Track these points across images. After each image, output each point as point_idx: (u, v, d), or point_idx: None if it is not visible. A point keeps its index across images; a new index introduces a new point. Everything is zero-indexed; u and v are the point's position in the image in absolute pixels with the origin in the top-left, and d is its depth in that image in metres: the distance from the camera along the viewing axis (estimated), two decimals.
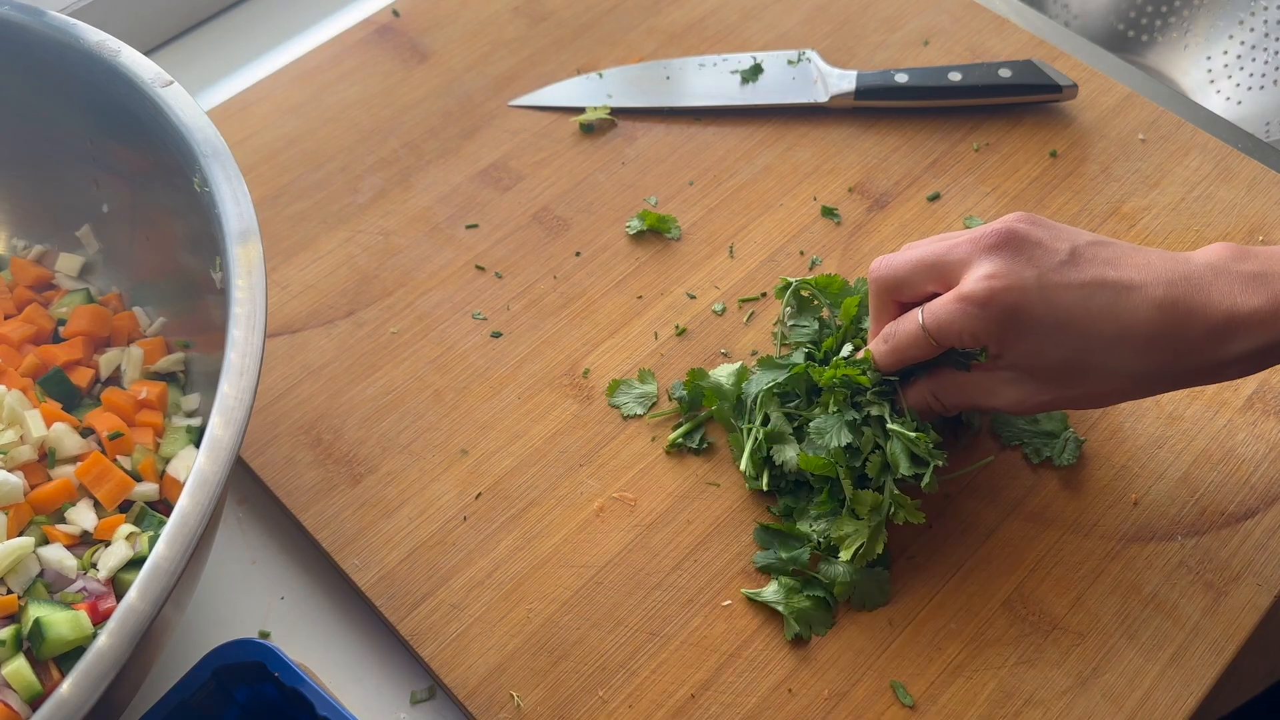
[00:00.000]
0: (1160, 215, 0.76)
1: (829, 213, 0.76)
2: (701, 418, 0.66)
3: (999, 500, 0.64)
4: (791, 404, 0.64)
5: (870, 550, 0.59)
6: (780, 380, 0.63)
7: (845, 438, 0.60)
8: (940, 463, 0.59)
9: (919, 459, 0.59)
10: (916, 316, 0.57)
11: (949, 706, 0.58)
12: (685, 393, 0.66)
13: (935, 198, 0.77)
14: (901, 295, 0.59)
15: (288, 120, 0.81)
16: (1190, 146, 0.79)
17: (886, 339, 0.59)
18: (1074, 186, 0.77)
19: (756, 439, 0.63)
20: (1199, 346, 0.53)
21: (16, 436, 0.60)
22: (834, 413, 0.61)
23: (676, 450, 0.66)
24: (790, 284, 0.69)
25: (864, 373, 0.60)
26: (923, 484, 0.58)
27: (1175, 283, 0.54)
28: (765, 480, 0.63)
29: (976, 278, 0.55)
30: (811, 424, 0.61)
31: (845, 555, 0.59)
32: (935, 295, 0.57)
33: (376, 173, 0.78)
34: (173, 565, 0.46)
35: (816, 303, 0.69)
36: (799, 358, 0.66)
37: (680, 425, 0.66)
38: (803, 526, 0.61)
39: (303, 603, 0.64)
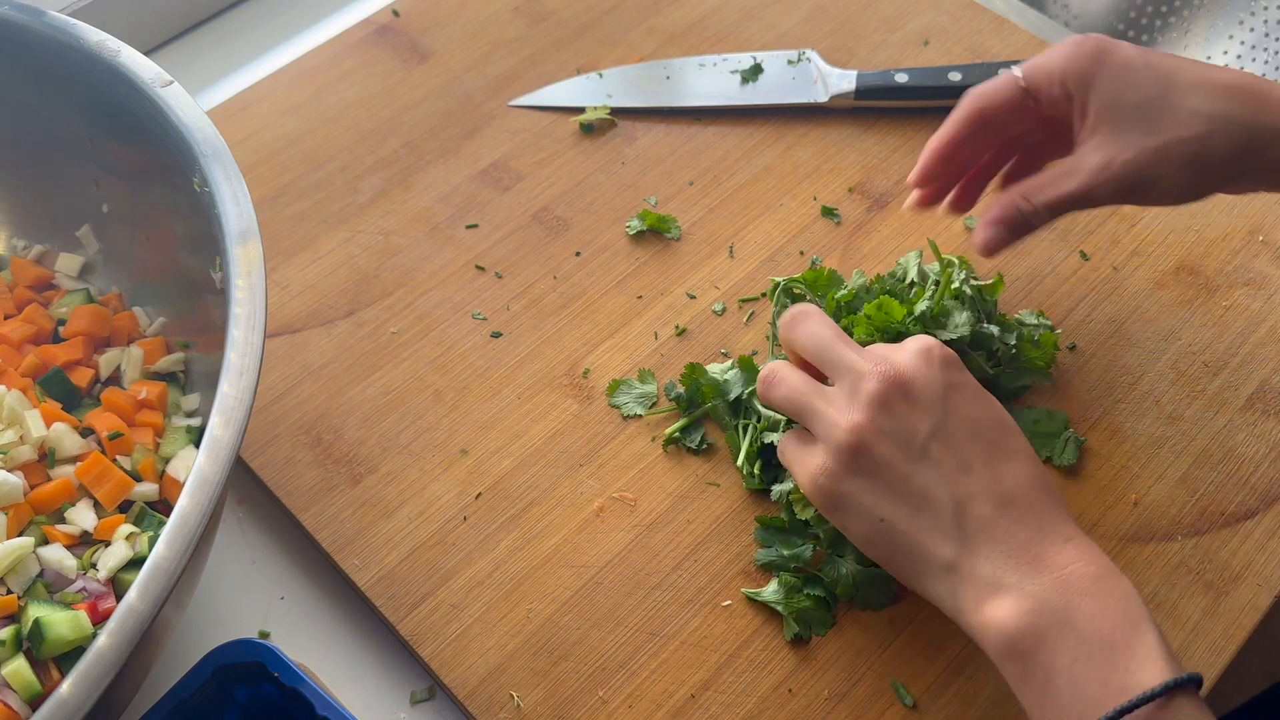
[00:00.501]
0: (1160, 215, 0.76)
1: (829, 213, 0.76)
2: (698, 413, 0.66)
3: None
4: None
5: None
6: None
7: None
8: None
9: None
10: (1012, 72, 0.60)
11: (949, 706, 0.58)
12: (682, 390, 0.66)
13: None
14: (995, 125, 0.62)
15: (288, 120, 0.81)
16: None
17: (972, 97, 0.61)
18: None
19: (753, 438, 0.63)
20: (1271, 106, 0.55)
21: (16, 436, 0.60)
22: None
23: (674, 447, 0.66)
24: (779, 283, 0.70)
25: None
26: None
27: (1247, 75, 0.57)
28: (758, 472, 0.63)
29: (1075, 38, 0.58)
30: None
31: (854, 555, 0.60)
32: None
33: (376, 173, 0.78)
34: (173, 565, 0.46)
35: (809, 299, 0.69)
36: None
37: (678, 421, 0.66)
38: (803, 514, 0.61)
39: (303, 603, 0.64)
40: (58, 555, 0.57)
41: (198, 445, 0.60)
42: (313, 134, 0.80)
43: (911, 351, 0.54)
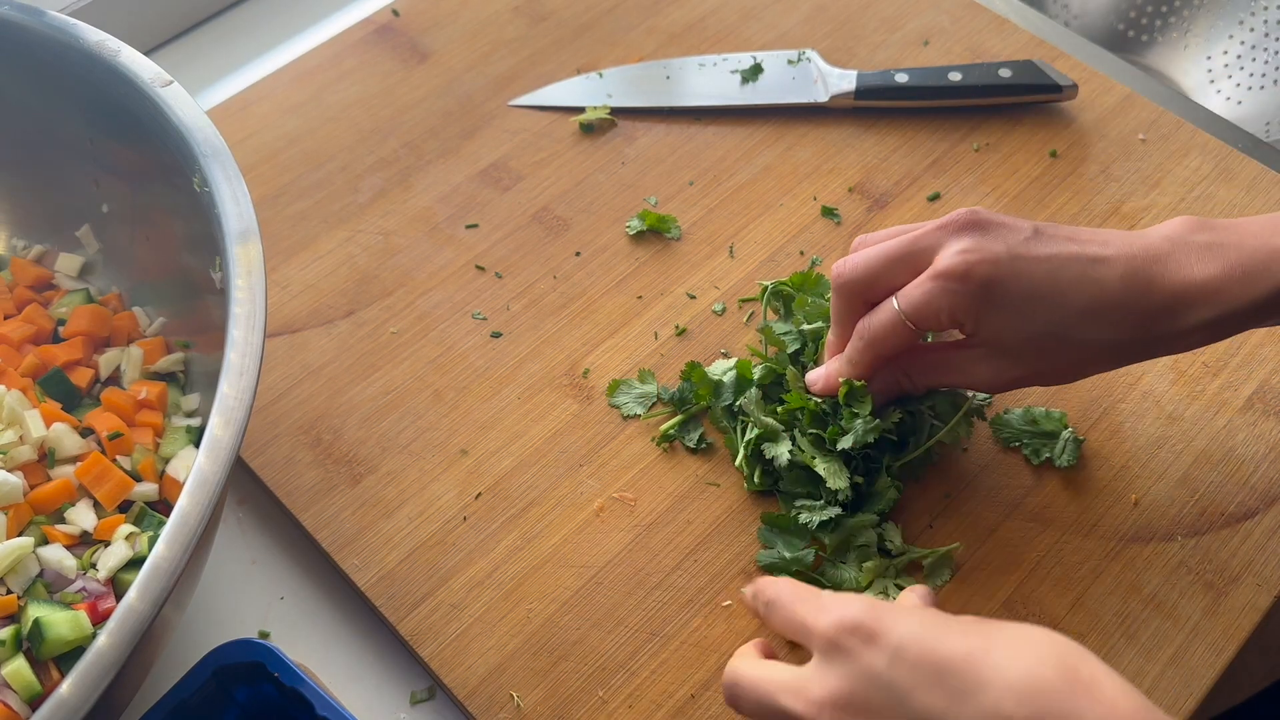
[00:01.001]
0: (1160, 215, 0.75)
1: (829, 213, 0.76)
2: (693, 409, 0.66)
3: (999, 500, 0.64)
4: (779, 405, 0.64)
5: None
6: (747, 392, 0.64)
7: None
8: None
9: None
10: (890, 304, 0.57)
11: None
12: (678, 390, 0.67)
13: (935, 198, 0.77)
14: (872, 293, 0.59)
15: (288, 120, 0.81)
16: (1190, 146, 0.79)
17: (861, 335, 0.58)
18: (1074, 186, 0.77)
19: (749, 440, 0.63)
20: (1160, 316, 0.54)
21: (16, 436, 0.60)
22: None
23: (673, 447, 0.66)
24: (768, 287, 0.70)
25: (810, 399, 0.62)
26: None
27: (1135, 255, 0.55)
28: (758, 476, 0.63)
29: (951, 254, 0.55)
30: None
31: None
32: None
33: (376, 172, 0.78)
34: (172, 565, 0.46)
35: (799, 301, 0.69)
36: (787, 357, 0.66)
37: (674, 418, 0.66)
38: (804, 517, 0.61)
39: (303, 603, 0.64)
40: (58, 555, 0.57)
41: (198, 445, 0.60)
42: (313, 134, 0.80)
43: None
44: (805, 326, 0.66)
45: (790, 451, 0.61)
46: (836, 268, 0.59)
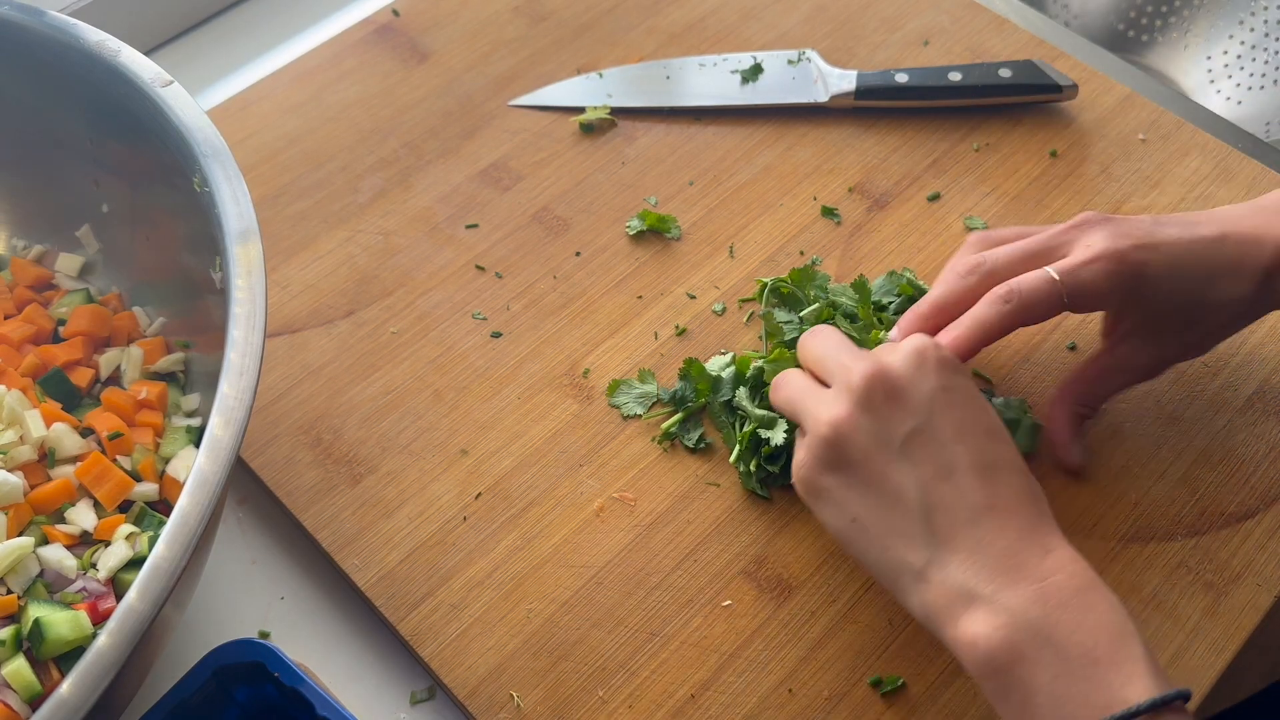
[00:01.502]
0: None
1: (829, 213, 0.76)
2: (693, 407, 0.66)
3: None
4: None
5: None
6: (737, 385, 0.65)
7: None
8: None
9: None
10: (1046, 274, 0.58)
11: (949, 706, 0.58)
12: (678, 388, 0.67)
13: (935, 198, 0.77)
14: (995, 282, 0.60)
15: (288, 120, 0.81)
16: (1190, 146, 0.79)
17: (1007, 299, 0.58)
18: (1074, 186, 0.77)
19: (745, 436, 0.63)
20: (1272, 268, 0.59)
21: (16, 436, 0.60)
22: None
23: (673, 446, 0.66)
24: (766, 284, 0.70)
25: None
26: None
27: (1253, 214, 0.60)
28: (753, 469, 0.63)
29: (1102, 238, 0.58)
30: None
31: None
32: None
33: (376, 173, 0.78)
34: (173, 565, 0.46)
35: (798, 297, 0.69)
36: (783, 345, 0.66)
37: (674, 415, 0.66)
38: None
39: (303, 603, 0.64)
40: (58, 555, 0.57)
41: (198, 445, 0.60)
42: (313, 134, 0.80)
43: (906, 352, 0.54)
44: (805, 311, 0.67)
45: (786, 433, 0.61)
46: (977, 258, 0.60)
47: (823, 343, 0.57)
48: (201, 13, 0.90)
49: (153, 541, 0.57)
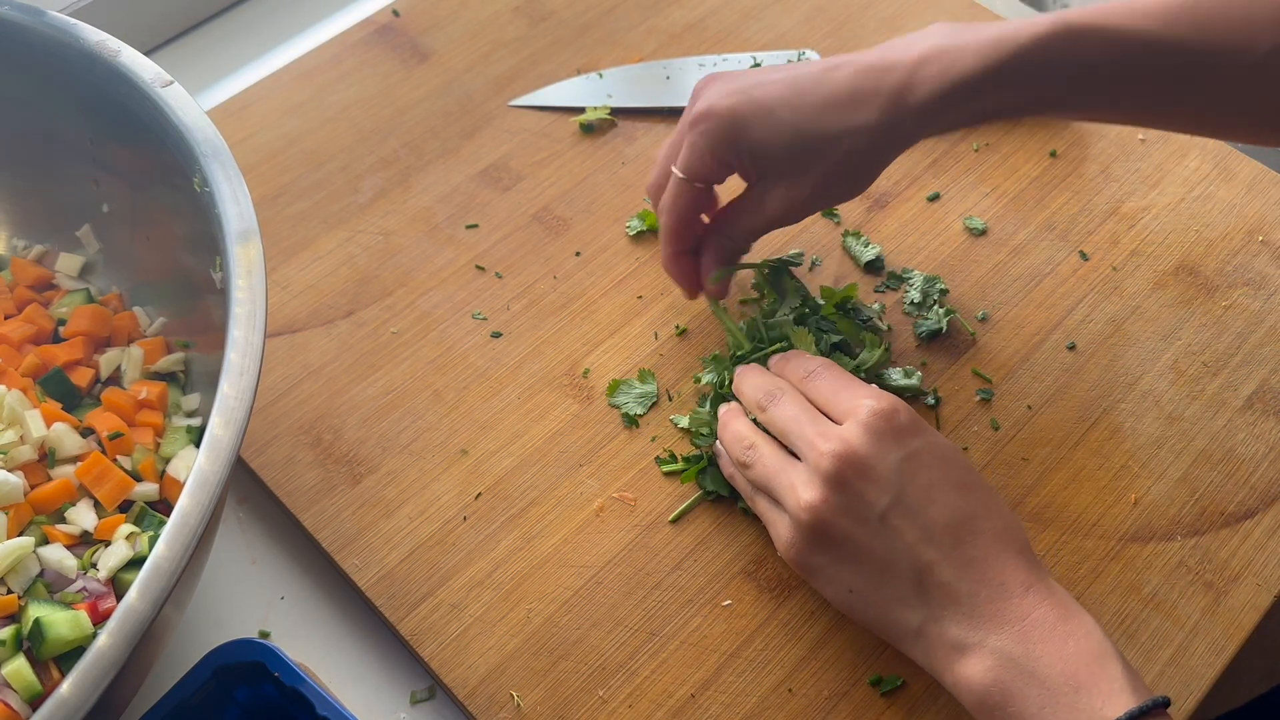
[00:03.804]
0: (1160, 215, 0.76)
1: (829, 213, 0.76)
2: (703, 463, 0.65)
3: None
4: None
5: None
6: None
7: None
8: None
9: None
10: (672, 173, 0.63)
11: (949, 706, 0.58)
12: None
13: (935, 198, 0.77)
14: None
15: (288, 120, 0.81)
16: (1190, 146, 0.79)
17: (662, 213, 0.64)
18: (1074, 186, 0.77)
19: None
20: (901, 91, 0.56)
21: (16, 436, 0.60)
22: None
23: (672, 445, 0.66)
24: (766, 267, 0.70)
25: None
26: None
27: (871, 55, 0.58)
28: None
29: (704, 99, 0.60)
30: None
31: None
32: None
33: (376, 173, 0.78)
34: (173, 565, 0.46)
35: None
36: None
37: (685, 471, 0.65)
38: None
39: (303, 603, 0.64)
40: (58, 555, 0.57)
41: (198, 445, 0.60)
42: (313, 134, 0.80)
43: (864, 425, 0.54)
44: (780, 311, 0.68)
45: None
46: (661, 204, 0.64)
47: (784, 413, 0.58)
48: (201, 13, 0.91)
49: (153, 541, 0.57)
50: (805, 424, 0.56)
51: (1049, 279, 0.73)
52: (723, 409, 0.62)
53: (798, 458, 0.56)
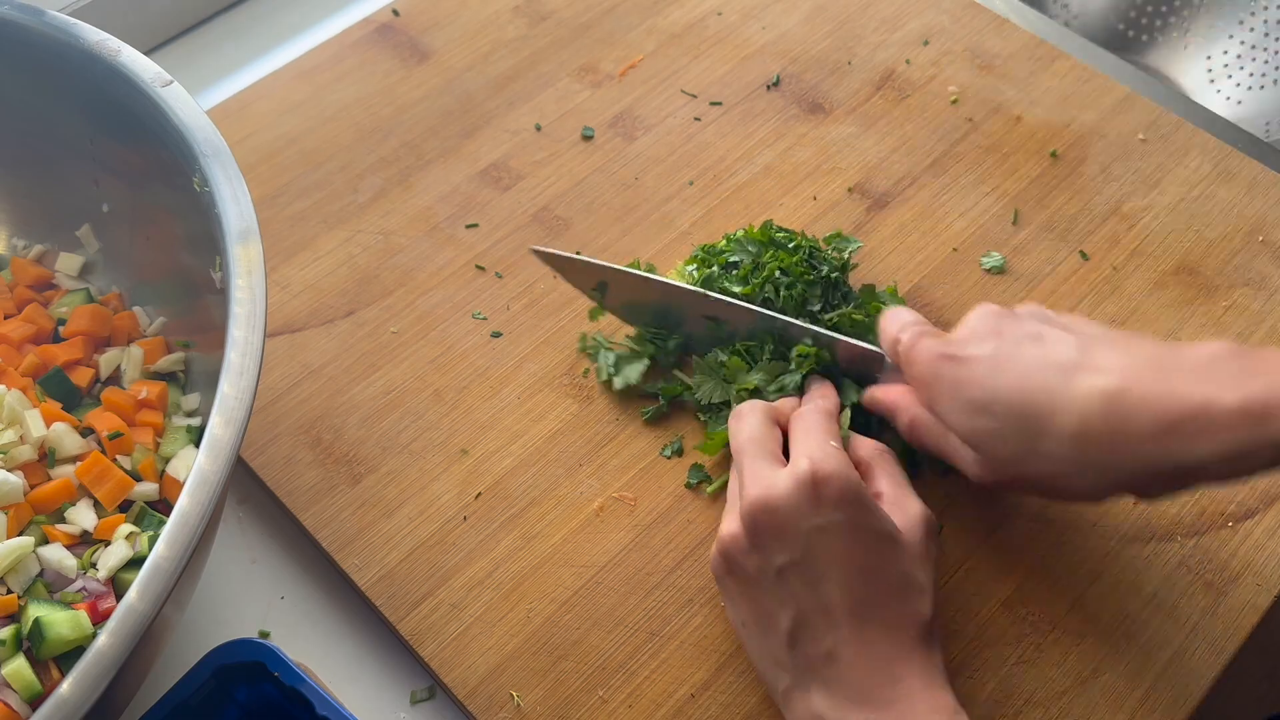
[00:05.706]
0: (1160, 215, 0.76)
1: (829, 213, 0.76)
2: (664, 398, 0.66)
3: (999, 500, 0.64)
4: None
5: None
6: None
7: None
8: None
9: None
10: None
11: None
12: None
13: (935, 198, 0.77)
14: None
15: (287, 120, 0.81)
16: (1190, 146, 0.79)
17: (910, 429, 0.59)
18: (1074, 186, 0.77)
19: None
20: (1148, 443, 0.46)
21: (16, 436, 0.60)
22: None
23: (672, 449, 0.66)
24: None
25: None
26: None
27: (1133, 368, 0.48)
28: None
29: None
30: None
31: None
32: None
33: (376, 172, 0.78)
34: (173, 565, 0.46)
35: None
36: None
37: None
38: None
39: (303, 603, 0.64)
40: (58, 555, 0.57)
41: (198, 445, 0.60)
42: (312, 133, 0.80)
43: (796, 480, 0.53)
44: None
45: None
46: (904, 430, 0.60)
47: (741, 437, 0.58)
48: (201, 13, 0.91)
49: (153, 541, 0.57)
50: (754, 455, 0.57)
51: (1049, 279, 0.73)
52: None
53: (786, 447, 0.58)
